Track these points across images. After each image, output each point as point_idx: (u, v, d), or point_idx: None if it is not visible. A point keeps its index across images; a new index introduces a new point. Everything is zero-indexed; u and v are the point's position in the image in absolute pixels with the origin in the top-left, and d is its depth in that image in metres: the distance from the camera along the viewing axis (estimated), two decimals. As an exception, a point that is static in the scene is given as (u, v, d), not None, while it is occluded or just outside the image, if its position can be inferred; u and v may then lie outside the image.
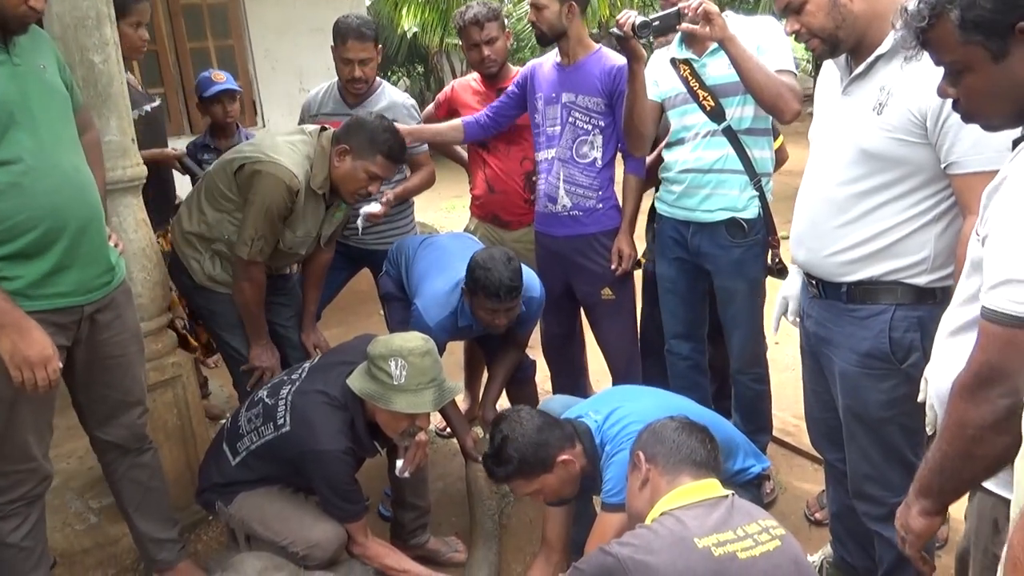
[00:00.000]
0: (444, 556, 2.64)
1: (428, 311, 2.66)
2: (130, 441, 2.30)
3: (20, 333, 1.81)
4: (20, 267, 1.85)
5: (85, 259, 1.98)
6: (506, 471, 2.03)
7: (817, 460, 2.92)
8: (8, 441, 1.96)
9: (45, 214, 1.86)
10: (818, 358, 2.10)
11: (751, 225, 2.58)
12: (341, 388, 2.25)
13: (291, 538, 2.20)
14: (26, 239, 1.84)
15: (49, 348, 1.86)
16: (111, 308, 2.11)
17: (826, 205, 1.92)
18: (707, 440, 1.75)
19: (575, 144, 2.88)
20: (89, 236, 1.98)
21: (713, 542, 1.49)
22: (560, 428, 2.08)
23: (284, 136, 2.65)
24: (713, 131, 2.57)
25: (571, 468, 2.04)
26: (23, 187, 1.82)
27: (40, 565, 2.11)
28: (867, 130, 1.80)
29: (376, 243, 3.24)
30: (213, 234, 2.63)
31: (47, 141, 1.88)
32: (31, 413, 1.97)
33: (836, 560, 2.37)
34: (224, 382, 3.53)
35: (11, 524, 2.03)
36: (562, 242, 2.97)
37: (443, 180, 3.81)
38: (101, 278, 2.05)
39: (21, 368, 1.82)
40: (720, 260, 2.65)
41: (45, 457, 2.06)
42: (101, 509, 2.83)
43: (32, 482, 2.04)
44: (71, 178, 1.93)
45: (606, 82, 2.82)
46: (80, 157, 2.00)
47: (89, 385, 2.16)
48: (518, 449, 2.00)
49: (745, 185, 2.57)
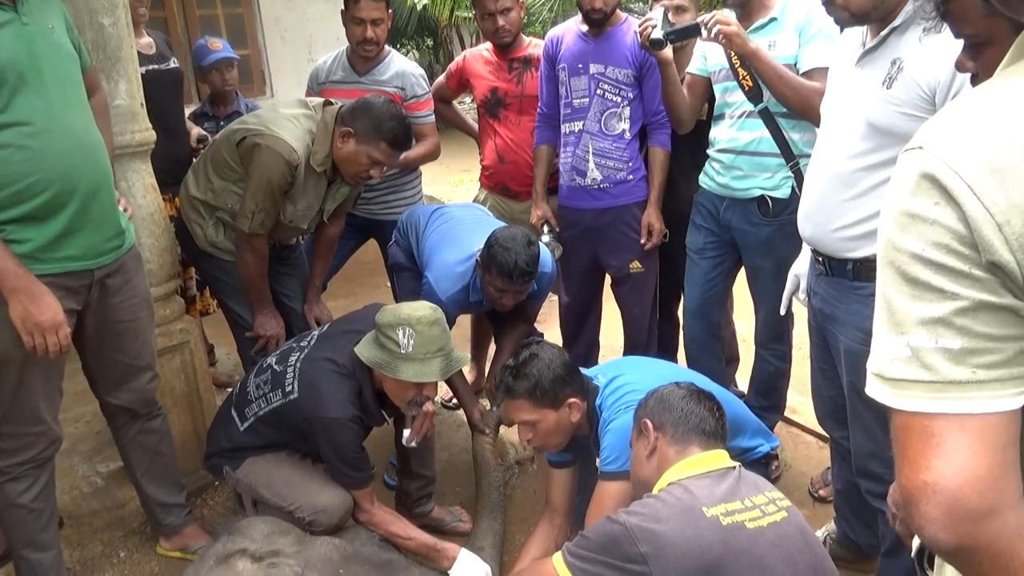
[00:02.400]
0: (448, 525, 2.66)
1: (440, 284, 2.65)
2: (139, 406, 2.31)
3: (31, 298, 1.82)
4: (30, 230, 1.85)
5: (95, 223, 1.97)
6: (520, 387, 2.03)
7: (822, 438, 2.93)
8: (18, 404, 1.98)
9: (55, 177, 1.85)
10: (824, 336, 2.10)
11: (782, 204, 2.53)
12: (349, 356, 2.26)
13: (298, 503, 2.21)
14: (36, 202, 1.83)
15: (60, 313, 1.86)
16: (121, 273, 2.11)
17: (834, 179, 1.90)
18: (715, 408, 1.75)
19: (604, 117, 2.85)
20: (99, 199, 1.97)
21: (721, 511, 1.50)
22: (581, 377, 2.11)
23: (287, 110, 2.63)
24: (750, 111, 2.53)
25: (574, 415, 2.05)
26: (33, 149, 1.81)
27: (49, 526, 2.13)
28: (876, 104, 1.78)
29: (383, 213, 3.23)
30: (218, 202, 2.63)
31: (57, 103, 1.86)
32: (41, 377, 1.98)
33: (839, 536, 2.37)
34: (230, 349, 3.55)
35: (21, 485, 2.05)
36: (592, 216, 2.96)
37: (452, 154, 3.80)
38: (111, 242, 2.04)
39: (32, 333, 1.83)
40: (749, 237, 2.63)
41: (55, 420, 2.07)
42: (109, 473, 2.85)
43: (42, 445, 2.05)
44: (82, 140, 1.92)
45: (636, 53, 2.79)
46: (90, 119, 1.99)
47: (99, 350, 2.17)
48: (540, 371, 2.02)
49: (780, 166, 2.53)
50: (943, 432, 0.74)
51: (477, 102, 3.27)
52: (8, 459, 2.03)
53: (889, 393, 0.78)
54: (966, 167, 0.72)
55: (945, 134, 0.76)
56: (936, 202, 0.74)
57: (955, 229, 0.73)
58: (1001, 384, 0.73)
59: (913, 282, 0.76)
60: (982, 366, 0.73)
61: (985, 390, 0.73)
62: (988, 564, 0.74)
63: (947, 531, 0.74)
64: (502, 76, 3.16)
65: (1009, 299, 0.72)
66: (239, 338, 2.86)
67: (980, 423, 0.73)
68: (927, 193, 0.74)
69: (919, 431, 0.76)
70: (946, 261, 0.73)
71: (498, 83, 3.17)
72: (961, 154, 0.73)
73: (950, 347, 0.74)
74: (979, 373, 0.73)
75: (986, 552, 0.74)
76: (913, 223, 0.75)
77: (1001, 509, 0.72)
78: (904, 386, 0.76)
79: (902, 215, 0.77)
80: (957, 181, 0.72)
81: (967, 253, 0.73)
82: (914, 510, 0.75)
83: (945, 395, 0.74)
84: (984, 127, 0.74)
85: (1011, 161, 0.71)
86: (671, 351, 3.37)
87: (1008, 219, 0.70)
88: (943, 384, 0.74)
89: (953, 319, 0.73)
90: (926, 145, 0.76)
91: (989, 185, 0.71)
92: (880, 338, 0.80)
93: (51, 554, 2.14)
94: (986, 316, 0.73)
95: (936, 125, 0.78)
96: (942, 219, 0.73)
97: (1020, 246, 0.70)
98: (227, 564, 1.96)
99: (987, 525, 0.72)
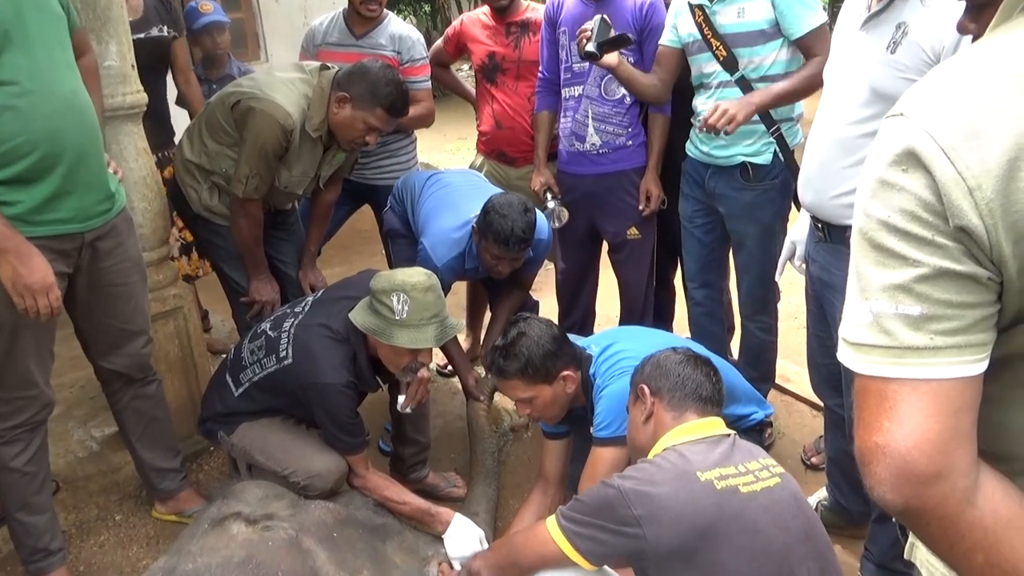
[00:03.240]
0: (443, 491, 2.67)
1: (436, 250, 2.64)
2: (134, 371, 2.31)
3: (21, 259, 1.80)
4: (19, 192, 1.83)
5: (84, 185, 1.95)
6: (511, 367, 2.02)
7: (815, 406, 2.94)
8: (10, 368, 1.97)
9: (42, 138, 1.82)
10: (821, 303, 2.09)
11: (764, 170, 2.53)
12: (344, 322, 2.25)
13: (292, 468, 2.22)
14: (23, 164, 1.81)
15: (50, 275, 1.85)
16: (112, 236, 2.09)
17: (835, 145, 1.88)
18: (712, 373, 1.75)
19: (604, 81, 2.82)
20: (88, 162, 1.95)
21: (715, 475, 1.50)
22: (572, 347, 2.10)
23: (282, 73, 2.59)
24: (727, 81, 2.52)
25: (568, 386, 2.05)
26: (19, 110, 1.78)
27: (43, 489, 2.14)
28: (879, 69, 1.75)
29: (378, 178, 3.21)
30: (212, 166, 2.60)
31: (43, 63, 1.83)
32: (32, 340, 1.97)
33: (831, 504, 2.39)
34: (225, 316, 3.54)
35: (14, 449, 2.05)
36: (590, 181, 2.94)
37: (449, 122, 3.77)
38: (101, 205, 2.02)
39: (23, 295, 1.82)
40: (733, 203, 2.62)
41: (47, 384, 2.07)
42: (103, 438, 2.86)
43: (34, 408, 2.05)
44: (69, 102, 1.89)
45: (637, 17, 2.76)
46: (78, 80, 1.96)
47: (91, 314, 2.16)
48: (529, 349, 2.00)
49: (762, 133, 2.52)
50: (897, 396, 0.75)
51: (474, 67, 3.23)
52: (1, 423, 2.03)
53: (853, 357, 0.79)
54: (943, 132, 0.72)
55: (926, 99, 0.76)
56: (904, 168, 0.74)
57: (921, 196, 0.73)
58: (959, 351, 0.74)
59: (878, 248, 0.77)
60: (940, 332, 0.74)
61: (942, 356, 0.74)
62: (935, 526, 0.76)
63: (895, 492, 0.75)
64: (499, 41, 3.12)
65: (971, 267, 0.73)
66: (234, 303, 2.85)
67: (934, 388, 0.74)
68: (898, 160, 0.75)
69: (875, 394, 0.77)
70: (910, 228, 0.74)
71: (495, 48, 3.13)
72: (939, 119, 0.73)
73: (909, 313, 0.75)
74: (937, 339, 0.74)
75: (933, 514, 0.75)
76: (882, 190, 0.76)
77: (949, 474, 0.74)
78: (865, 351, 0.78)
79: (875, 182, 0.78)
80: (932, 146, 0.72)
81: (931, 220, 0.73)
82: (866, 470, 0.77)
83: (902, 360, 0.75)
84: (964, 91, 0.74)
85: (987, 126, 0.71)
86: (667, 319, 3.37)
87: (980, 184, 0.70)
88: (901, 350, 0.75)
89: (913, 286, 0.74)
90: (907, 111, 0.77)
91: (964, 149, 0.71)
92: (849, 304, 0.81)
93: (45, 517, 2.15)
94: (946, 283, 0.73)
95: (919, 91, 0.78)
96: (909, 186, 0.74)
97: (989, 211, 0.70)
98: (221, 527, 1.97)
99: (934, 488, 0.74)
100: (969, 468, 0.75)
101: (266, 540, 1.92)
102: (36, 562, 2.15)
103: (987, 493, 0.75)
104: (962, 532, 0.75)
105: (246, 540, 1.92)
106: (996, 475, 0.78)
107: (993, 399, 0.78)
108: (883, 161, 0.77)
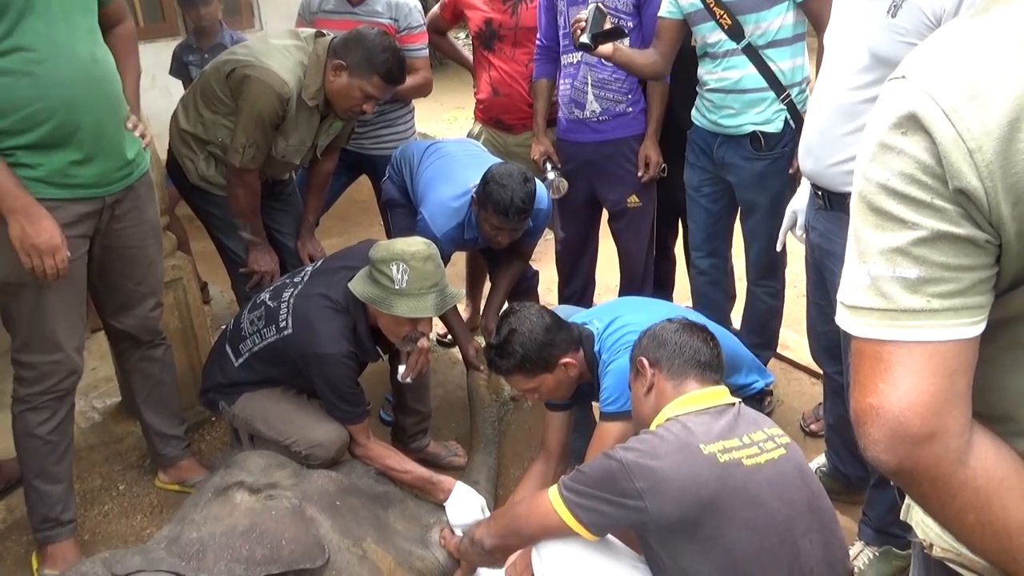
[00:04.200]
0: (444, 460, 2.69)
1: (435, 221, 2.62)
2: (142, 333, 2.32)
3: (29, 219, 1.82)
4: (40, 156, 1.85)
5: (105, 152, 1.97)
6: (508, 364, 2.03)
7: (814, 374, 2.95)
8: (37, 330, 1.99)
9: (59, 105, 1.83)
10: (821, 271, 2.09)
11: (775, 138, 2.49)
12: (343, 292, 2.24)
13: (294, 437, 2.23)
14: (42, 130, 1.82)
15: (57, 237, 1.86)
16: (131, 198, 2.10)
17: (835, 112, 1.86)
18: (709, 338, 1.74)
19: None
20: (106, 130, 1.96)
21: (718, 448, 1.50)
22: (567, 331, 2.08)
23: (277, 41, 2.56)
24: (733, 50, 2.47)
25: (571, 371, 2.05)
26: (37, 76, 1.78)
27: (63, 459, 2.16)
28: (879, 33, 1.72)
29: (375, 148, 3.18)
30: (208, 136, 2.58)
31: (62, 30, 1.83)
32: (59, 302, 1.98)
33: (830, 470, 2.41)
34: (225, 287, 3.53)
35: (40, 416, 2.07)
36: (590, 149, 2.91)
37: (446, 91, 3.73)
38: (122, 171, 2.04)
39: (30, 254, 1.84)
40: (742, 172, 2.59)
41: (75, 351, 2.08)
42: (105, 409, 2.87)
43: (60, 375, 2.06)
44: (89, 69, 1.89)
45: None
46: (99, 46, 1.95)
47: (104, 273, 2.17)
48: (523, 344, 2.00)
49: (772, 100, 2.48)
50: (892, 358, 0.76)
51: (472, 34, 3.18)
52: (28, 388, 2.04)
53: (849, 320, 0.80)
54: (944, 93, 0.72)
55: (928, 62, 0.76)
56: (904, 131, 0.74)
57: (920, 159, 0.73)
58: (955, 313, 0.74)
59: (877, 212, 0.77)
60: (937, 295, 0.74)
61: (937, 318, 0.74)
62: (928, 486, 0.77)
63: (888, 453, 0.76)
64: (496, 7, 3.07)
65: (969, 229, 0.73)
66: (233, 274, 2.85)
67: (929, 350, 0.75)
68: (899, 123, 0.74)
69: (871, 356, 0.77)
70: (909, 191, 0.74)
71: (493, 14, 3.08)
72: (941, 81, 0.73)
73: (907, 276, 0.75)
74: (933, 302, 0.74)
75: (925, 475, 0.76)
76: (882, 153, 0.76)
77: (942, 434, 0.74)
78: (862, 313, 0.78)
79: (875, 145, 0.77)
80: (933, 108, 0.72)
81: (930, 183, 0.73)
82: (860, 431, 0.78)
83: (898, 323, 0.75)
84: (966, 53, 0.74)
85: (989, 87, 0.70)
86: (667, 289, 3.37)
87: (980, 145, 0.70)
88: (897, 312, 0.75)
89: (911, 249, 0.74)
90: (908, 74, 0.76)
91: (964, 111, 0.71)
92: (847, 268, 0.81)
93: (61, 487, 2.16)
94: (944, 246, 0.73)
95: (921, 53, 0.78)
96: (908, 149, 0.74)
97: (989, 173, 0.70)
98: (225, 496, 1.98)
99: (926, 449, 0.74)
100: (962, 429, 0.75)
101: (269, 509, 1.93)
102: (45, 531, 2.17)
103: (980, 454, 0.76)
104: (954, 492, 0.76)
105: (249, 509, 1.94)
106: (989, 436, 0.78)
107: (990, 361, 0.79)
108: (884, 124, 0.76)
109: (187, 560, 1.80)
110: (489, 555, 1.91)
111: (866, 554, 2.14)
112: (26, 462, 2.13)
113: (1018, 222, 0.71)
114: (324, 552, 1.88)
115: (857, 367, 0.79)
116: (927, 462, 0.75)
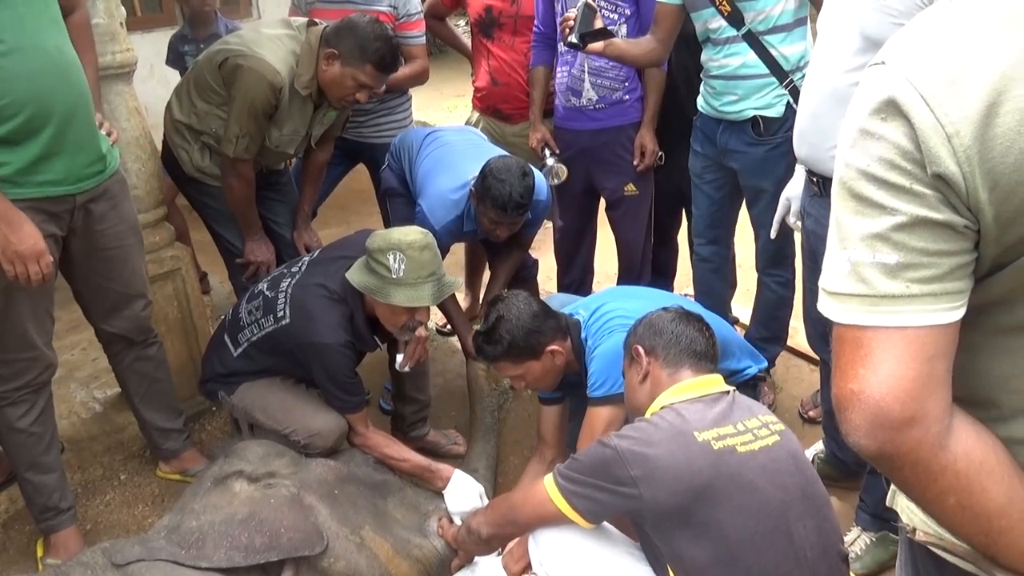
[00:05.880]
0: (443, 448, 2.70)
1: (434, 212, 2.61)
2: (134, 333, 2.32)
3: (11, 226, 1.78)
4: (7, 154, 1.80)
5: (73, 146, 1.92)
6: (494, 351, 2.05)
7: (813, 361, 2.95)
8: (8, 330, 1.98)
9: (28, 99, 1.78)
10: (816, 258, 2.08)
11: (776, 123, 2.47)
12: (340, 282, 2.25)
13: (293, 427, 2.24)
14: (10, 125, 1.77)
15: (40, 242, 1.82)
16: (105, 198, 2.07)
17: (829, 96, 1.84)
18: (704, 328, 1.75)
19: None
20: (77, 122, 1.91)
21: (713, 436, 1.50)
22: (555, 320, 2.09)
23: (269, 30, 2.54)
24: (734, 36, 2.45)
25: (557, 359, 2.05)
26: (4, 69, 1.74)
27: (50, 449, 2.16)
28: (871, 15, 1.70)
29: (373, 136, 3.17)
30: (202, 126, 2.57)
31: (27, 19, 1.78)
32: (28, 302, 1.96)
33: (827, 456, 2.42)
34: (224, 278, 3.53)
35: (19, 410, 2.07)
36: (587, 137, 2.90)
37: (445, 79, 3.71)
38: (92, 167, 1.99)
39: (13, 262, 1.80)
40: (745, 158, 2.57)
41: (47, 346, 2.07)
42: (106, 399, 2.88)
43: (36, 370, 2.06)
44: (55, 61, 1.85)
45: None
46: (64, 38, 1.91)
47: (88, 277, 2.15)
48: (510, 331, 2.02)
49: (775, 86, 2.46)
50: (872, 343, 0.76)
51: (471, 21, 3.17)
52: (4, 385, 2.04)
53: (830, 306, 0.80)
54: (923, 79, 0.72)
55: (908, 46, 0.76)
56: (884, 117, 0.74)
57: (900, 144, 0.73)
58: (934, 298, 0.75)
59: (857, 198, 0.77)
60: (916, 280, 0.74)
61: (916, 304, 0.75)
62: (909, 470, 0.77)
63: (869, 438, 0.76)
64: (496, -6, 3.05)
65: (948, 215, 0.73)
66: (230, 264, 2.85)
67: (909, 335, 0.75)
68: (878, 109, 0.75)
69: (851, 342, 0.77)
70: (888, 177, 0.74)
71: (493, 1, 3.06)
72: (920, 66, 0.73)
73: (886, 261, 0.75)
74: (912, 287, 0.74)
75: (906, 459, 0.76)
76: (862, 139, 0.76)
77: (922, 419, 0.75)
78: (842, 299, 0.78)
79: (855, 131, 0.78)
80: (911, 94, 0.72)
81: (909, 169, 0.73)
82: (842, 417, 0.78)
83: (878, 308, 0.76)
84: (946, 37, 0.74)
85: (966, 71, 0.70)
86: (668, 277, 3.37)
87: (958, 130, 0.70)
88: (877, 298, 0.76)
89: (890, 234, 0.75)
90: (888, 59, 0.76)
91: (943, 95, 0.71)
92: (828, 254, 0.81)
93: (54, 476, 2.18)
94: (923, 232, 0.74)
95: (901, 38, 0.78)
96: (888, 135, 0.74)
97: (967, 158, 0.70)
98: (224, 485, 1.99)
99: (907, 434, 0.75)
100: (942, 414, 0.76)
101: (268, 497, 1.95)
102: (47, 520, 2.19)
103: (960, 438, 0.76)
104: (934, 476, 0.76)
105: (248, 497, 1.95)
106: (969, 420, 0.79)
107: (971, 347, 0.79)
108: (863, 110, 0.76)
109: (187, 548, 1.82)
110: (486, 544, 1.93)
111: (863, 539, 2.15)
112: (15, 457, 2.13)
113: (996, 207, 0.71)
114: (323, 540, 1.89)
115: (839, 353, 0.79)
116: (907, 446, 0.75)
